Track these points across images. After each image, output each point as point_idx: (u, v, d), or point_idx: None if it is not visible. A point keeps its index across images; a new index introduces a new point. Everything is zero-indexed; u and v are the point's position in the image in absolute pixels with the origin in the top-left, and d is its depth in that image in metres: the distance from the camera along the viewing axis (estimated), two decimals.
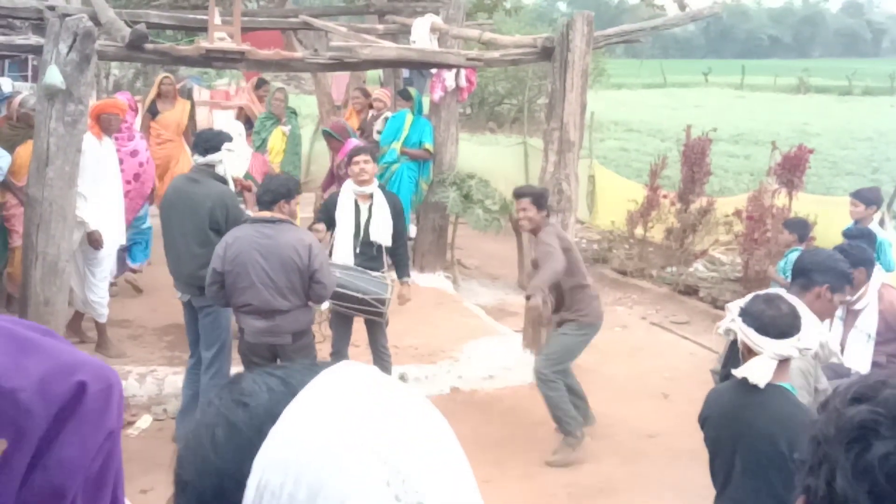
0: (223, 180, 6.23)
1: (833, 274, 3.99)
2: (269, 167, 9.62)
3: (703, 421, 3.69)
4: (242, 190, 6.57)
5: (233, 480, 0.86)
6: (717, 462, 3.62)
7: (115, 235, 7.58)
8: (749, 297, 3.58)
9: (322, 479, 0.81)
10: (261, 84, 11.63)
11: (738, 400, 3.47)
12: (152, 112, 10.35)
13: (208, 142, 6.23)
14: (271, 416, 0.87)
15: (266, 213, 5.68)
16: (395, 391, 0.91)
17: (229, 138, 6.34)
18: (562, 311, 6.40)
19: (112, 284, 8.68)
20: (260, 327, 5.64)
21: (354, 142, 9.18)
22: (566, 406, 6.27)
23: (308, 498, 0.81)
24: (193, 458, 0.90)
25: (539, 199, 6.39)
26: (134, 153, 8.55)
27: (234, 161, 6.26)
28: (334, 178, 8.89)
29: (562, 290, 6.34)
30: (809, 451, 1.24)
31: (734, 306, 4.13)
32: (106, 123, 7.52)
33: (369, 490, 0.80)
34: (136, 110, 9.62)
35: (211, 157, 6.17)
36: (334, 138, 8.79)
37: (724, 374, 4.22)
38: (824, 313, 4.00)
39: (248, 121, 11.25)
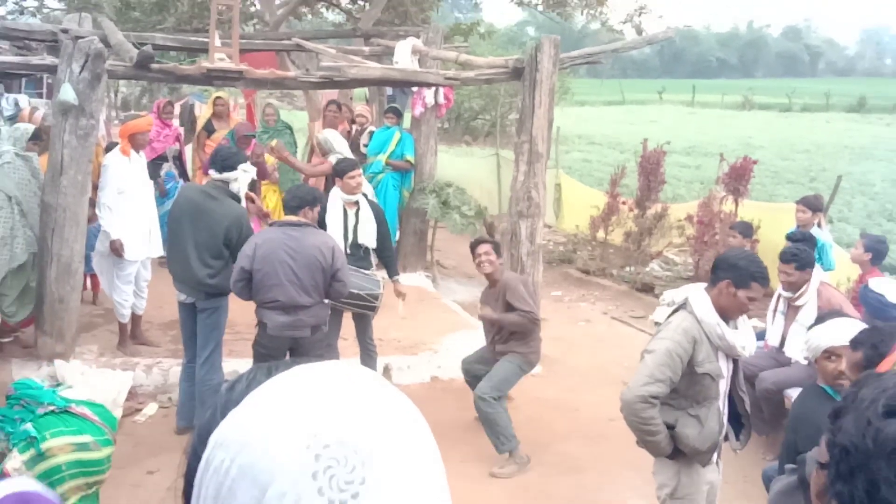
0: (237, 198, 6.12)
1: (734, 270, 3.81)
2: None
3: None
4: (247, 201, 6.55)
5: (199, 457, 0.84)
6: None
7: (140, 244, 7.35)
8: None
9: (252, 462, 0.77)
10: (330, 105, 11.25)
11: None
12: (208, 130, 10.20)
13: (226, 160, 6.03)
14: (239, 402, 0.85)
15: (293, 218, 5.67)
16: (363, 389, 0.83)
17: (245, 158, 6.25)
18: (511, 342, 6.26)
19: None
20: (283, 322, 5.62)
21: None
22: (504, 423, 6.06)
23: (238, 476, 0.77)
24: (190, 437, 0.89)
25: (497, 247, 6.38)
26: None
27: (244, 179, 6.18)
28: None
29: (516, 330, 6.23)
30: (833, 457, 1.23)
31: (671, 296, 4.18)
32: (136, 141, 7.39)
33: (294, 479, 0.76)
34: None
35: (227, 175, 6.02)
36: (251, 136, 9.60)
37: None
38: (731, 308, 3.88)
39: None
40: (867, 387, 1.23)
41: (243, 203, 6.27)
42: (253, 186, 7.40)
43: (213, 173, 6.14)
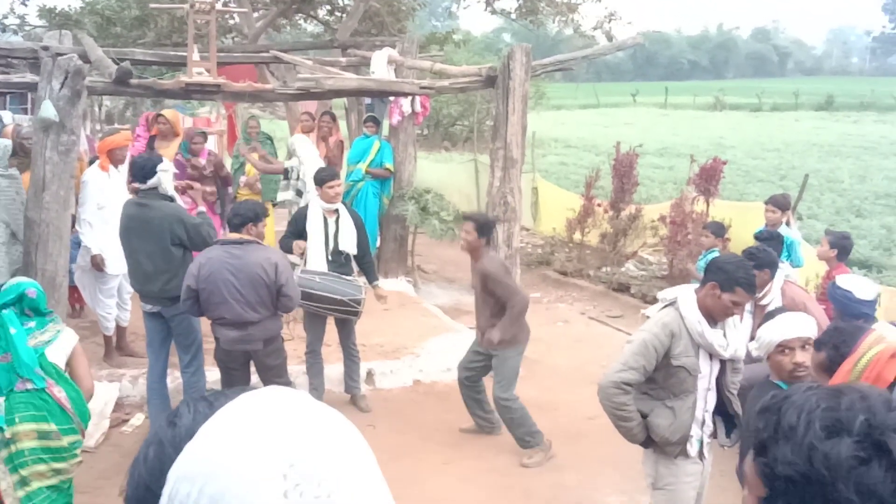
0: (169, 197, 6.12)
1: (721, 274, 3.93)
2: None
3: None
4: (185, 191, 6.69)
5: (154, 493, 0.84)
6: None
7: (121, 258, 7.10)
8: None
9: (223, 489, 0.78)
10: (324, 115, 11.15)
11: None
12: (150, 148, 10.15)
13: (143, 169, 6.01)
14: (190, 434, 0.85)
15: (235, 235, 5.66)
16: (307, 410, 0.86)
17: (159, 159, 6.16)
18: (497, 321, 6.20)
19: None
20: (233, 336, 5.62)
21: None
22: (528, 422, 6.17)
23: None
24: (132, 473, 0.89)
25: (483, 227, 6.23)
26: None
27: (167, 178, 6.13)
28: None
29: (501, 305, 6.18)
30: (776, 490, 1.22)
31: (664, 294, 4.28)
32: (115, 157, 7.35)
33: (267, 501, 0.77)
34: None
35: (151, 182, 6.00)
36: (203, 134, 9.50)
37: None
38: (714, 310, 3.98)
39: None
40: (785, 413, 1.23)
41: (178, 200, 6.27)
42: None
43: (139, 186, 6.11)
